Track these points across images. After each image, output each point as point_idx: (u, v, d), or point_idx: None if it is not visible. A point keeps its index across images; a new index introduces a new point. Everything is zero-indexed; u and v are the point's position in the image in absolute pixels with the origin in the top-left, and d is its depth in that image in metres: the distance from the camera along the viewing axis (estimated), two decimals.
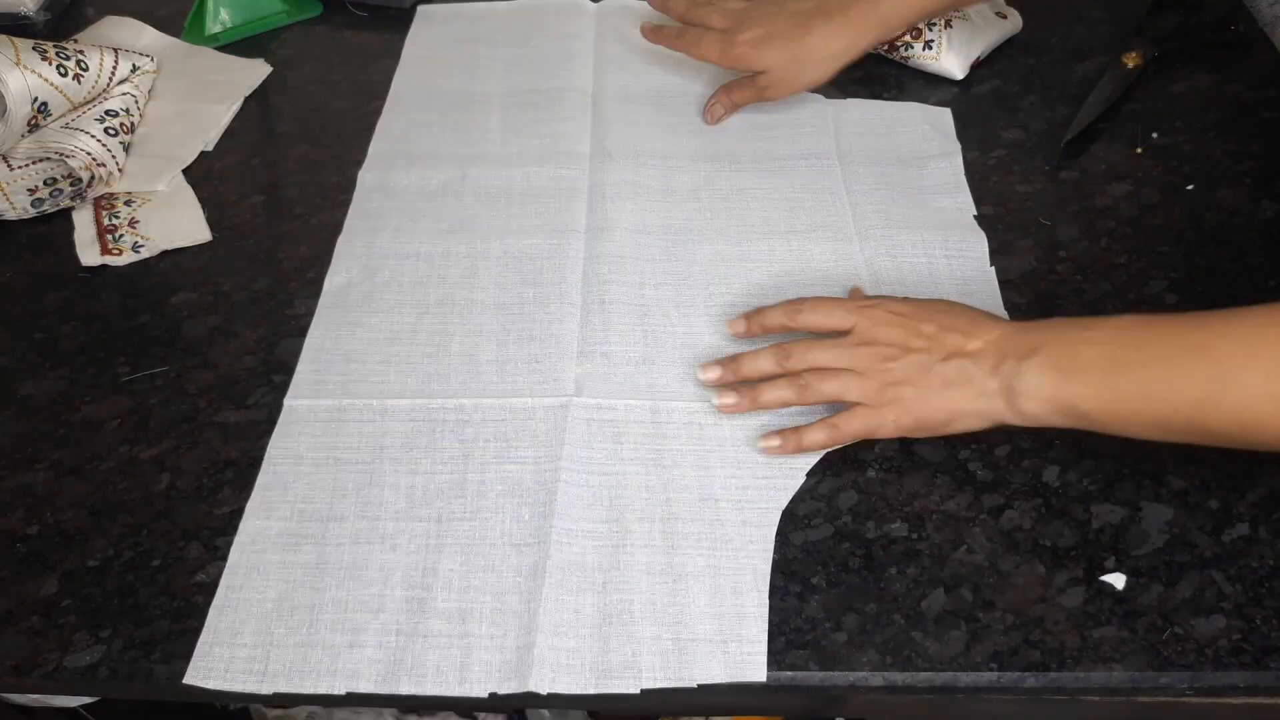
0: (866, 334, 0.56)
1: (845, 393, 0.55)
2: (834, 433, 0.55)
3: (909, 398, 0.54)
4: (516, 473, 0.56)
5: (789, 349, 0.57)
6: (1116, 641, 0.49)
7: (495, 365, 0.61)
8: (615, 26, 0.87)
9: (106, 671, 0.50)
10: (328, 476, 0.57)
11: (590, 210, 0.71)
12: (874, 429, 0.55)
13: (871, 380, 0.54)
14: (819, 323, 0.58)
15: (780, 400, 0.56)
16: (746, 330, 0.60)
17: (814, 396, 0.55)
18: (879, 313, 0.56)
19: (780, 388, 0.56)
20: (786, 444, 0.55)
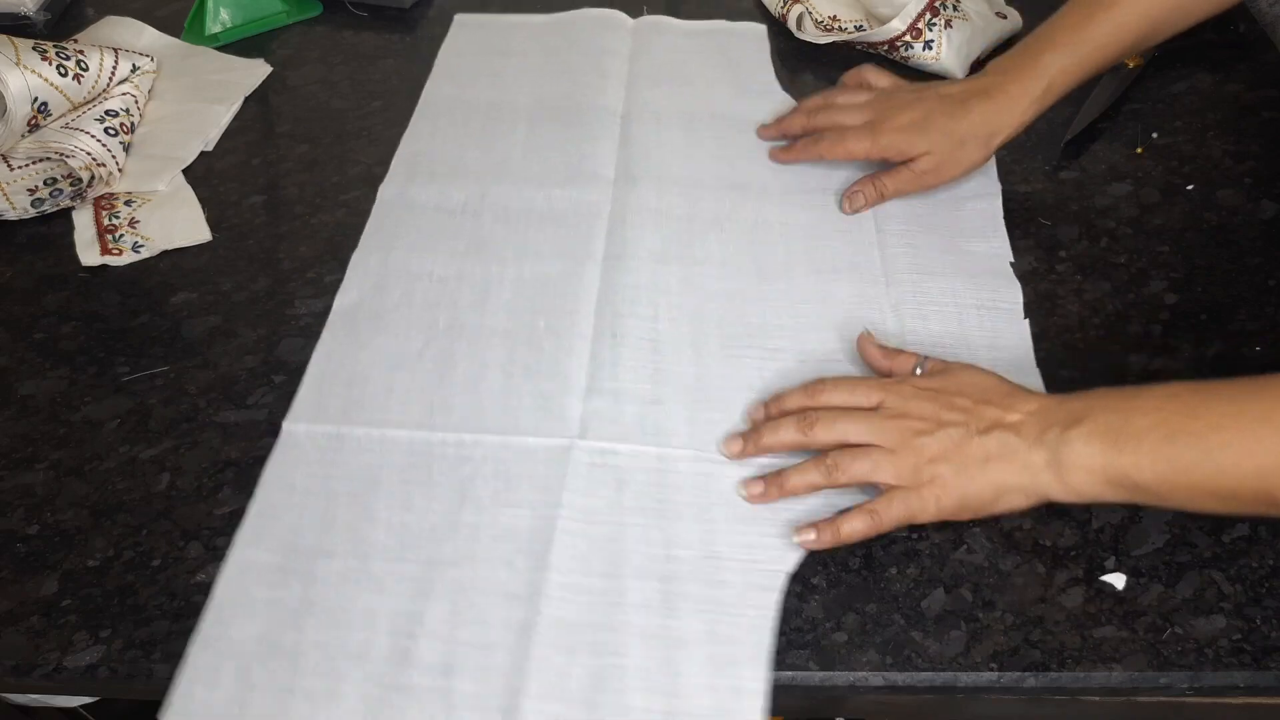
0: (897, 408, 0.52)
1: (876, 472, 0.51)
2: (873, 520, 0.51)
3: (948, 476, 0.50)
4: (512, 518, 0.54)
5: (813, 418, 0.53)
6: (1116, 641, 0.49)
7: (500, 398, 0.59)
8: (651, 43, 0.86)
9: (106, 671, 0.50)
10: (319, 508, 0.55)
11: (610, 236, 0.69)
12: (914, 514, 0.51)
13: (905, 458, 0.51)
14: (842, 402, 0.55)
15: (808, 486, 0.53)
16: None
17: (844, 478, 0.52)
18: (906, 388, 0.53)
19: (807, 472, 0.53)
20: (823, 537, 0.51)
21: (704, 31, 0.87)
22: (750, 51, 0.84)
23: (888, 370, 0.58)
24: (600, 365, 0.61)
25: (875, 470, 0.51)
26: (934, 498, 0.50)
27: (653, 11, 0.89)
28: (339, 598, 0.51)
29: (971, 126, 0.65)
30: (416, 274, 0.68)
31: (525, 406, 0.59)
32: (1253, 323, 0.61)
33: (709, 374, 0.61)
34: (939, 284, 0.65)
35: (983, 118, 0.65)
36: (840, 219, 0.70)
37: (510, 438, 0.58)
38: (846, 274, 0.66)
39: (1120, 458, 0.47)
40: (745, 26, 0.87)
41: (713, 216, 0.70)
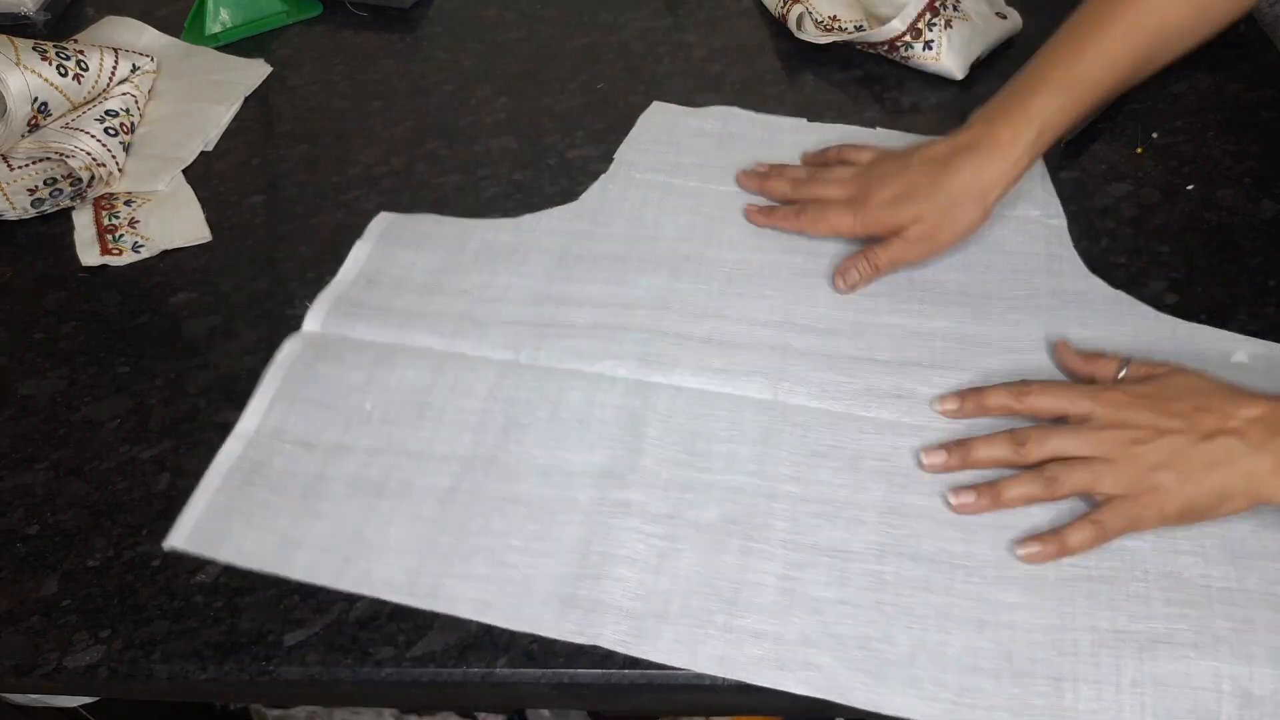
0: (1110, 417, 0.51)
1: (1097, 484, 0.50)
2: (1098, 531, 0.49)
3: (1170, 484, 0.49)
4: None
5: (1025, 434, 0.52)
6: None
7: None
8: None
9: (106, 671, 0.50)
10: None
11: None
12: (1138, 521, 0.49)
13: (1125, 467, 0.49)
14: (1049, 407, 0.53)
15: (1025, 497, 0.51)
16: (959, 410, 0.55)
17: (1063, 491, 0.50)
18: (1119, 395, 0.52)
19: (1025, 483, 0.51)
20: (1048, 549, 0.50)
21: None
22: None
23: (1089, 373, 0.56)
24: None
25: (1096, 481, 0.50)
26: (1157, 506, 0.49)
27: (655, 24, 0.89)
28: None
29: (962, 186, 0.61)
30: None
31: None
32: (1253, 323, 0.61)
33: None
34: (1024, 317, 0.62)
35: (973, 174, 0.61)
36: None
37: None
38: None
39: None
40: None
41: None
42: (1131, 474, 0.50)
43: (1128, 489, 0.50)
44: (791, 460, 0.55)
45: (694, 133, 0.77)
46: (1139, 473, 0.50)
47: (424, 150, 0.78)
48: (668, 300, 0.64)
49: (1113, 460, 0.50)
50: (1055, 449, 0.52)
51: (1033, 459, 0.52)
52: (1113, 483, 0.50)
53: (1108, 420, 0.51)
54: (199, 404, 0.61)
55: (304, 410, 0.59)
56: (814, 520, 0.53)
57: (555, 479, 0.55)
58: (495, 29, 0.91)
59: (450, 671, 0.49)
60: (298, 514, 0.54)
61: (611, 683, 0.49)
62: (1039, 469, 0.52)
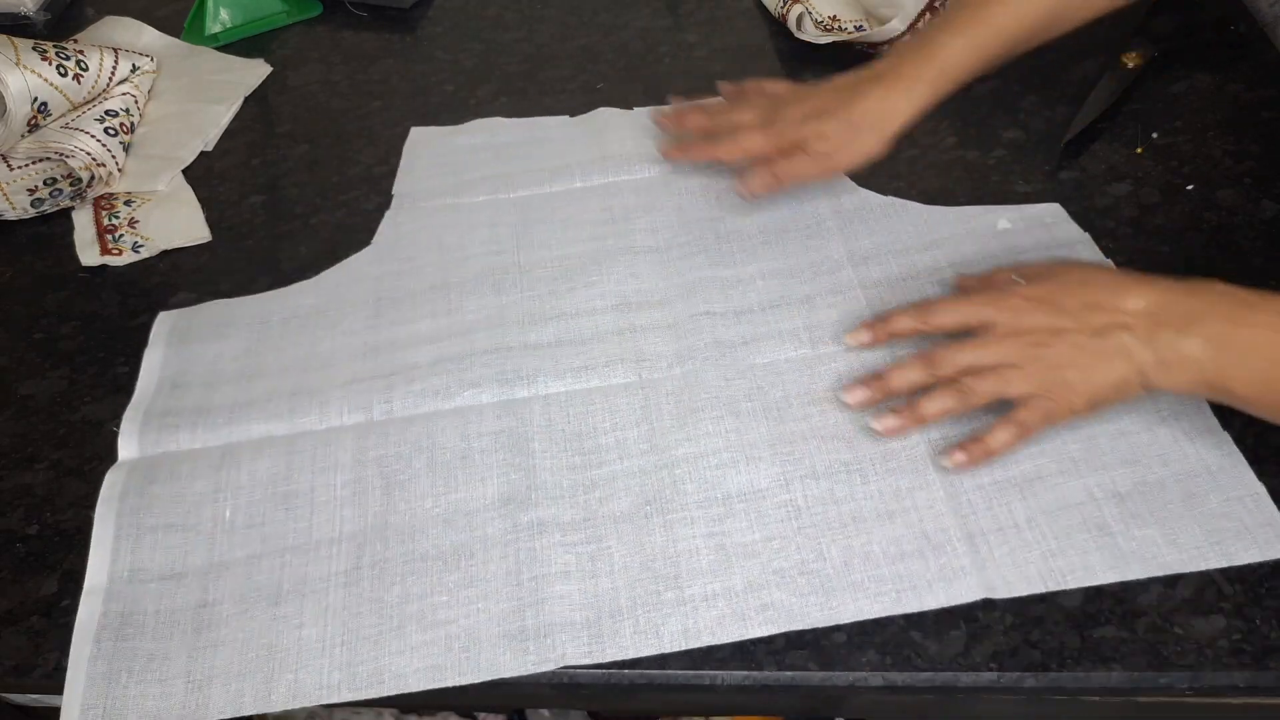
0: (1010, 324, 0.54)
1: (1008, 388, 0.53)
2: (1019, 429, 0.53)
3: (1075, 379, 0.52)
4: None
5: (935, 355, 0.55)
6: (1116, 641, 0.49)
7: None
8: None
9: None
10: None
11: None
12: (1052, 415, 0.53)
13: (1032, 370, 0.52)
14: (953, 319, 0.56)
15: (943, 411, 0.54)
16: (872, 339, 0.58)
17: (977, 399, 0.53)
18: (1016, 300, 0.54)
19: (941, 398, 0.54)
20: (973, 455, 0.53)
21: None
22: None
23: (987, 289, 0.58)
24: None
25: (1007, 386, 0.53)
26: (1066, 401, 0.52)
27: (653, 18, 0.89)
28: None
29: (865, 113, 0.63)
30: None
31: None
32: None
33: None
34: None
35: (876, 103, 0.63)
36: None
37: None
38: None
39: (1226, 369, 0.50)
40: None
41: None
42: (1038, 375, 0.53)
43: (1037, 388, 0.53)
44: (675, 426, 0.57)
45: (464, 150, 0.77)
46: (1043, 372, 0.52)
47: None
48: (502, 315, 0.64)
49: (1019, 365, 0.53)
50: (965, 362, 0.54)
51: (946, 375, 0.54)
52: (1022, 385, 0.53)
53: (1008, 327, 0.54)
54: None
55: (156, 540, 0.54)
56: (716, 472, 0.55)
57: (458, 523, 0.54)
58: (495, 29, 0.91)
59: None
60: (194, 652, 0.50)
61: (611, 683, 0.49)
62: (952, 383, 0.54)
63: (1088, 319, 0.53)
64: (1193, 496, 0.52)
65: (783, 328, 0.62)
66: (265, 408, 0.59)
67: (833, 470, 0.55)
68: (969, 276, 0.61)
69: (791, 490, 0.54)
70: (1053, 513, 0.53)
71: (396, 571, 0.52)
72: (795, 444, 0.56)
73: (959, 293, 0.61)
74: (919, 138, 0.75)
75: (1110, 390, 0.52)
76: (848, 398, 0.57)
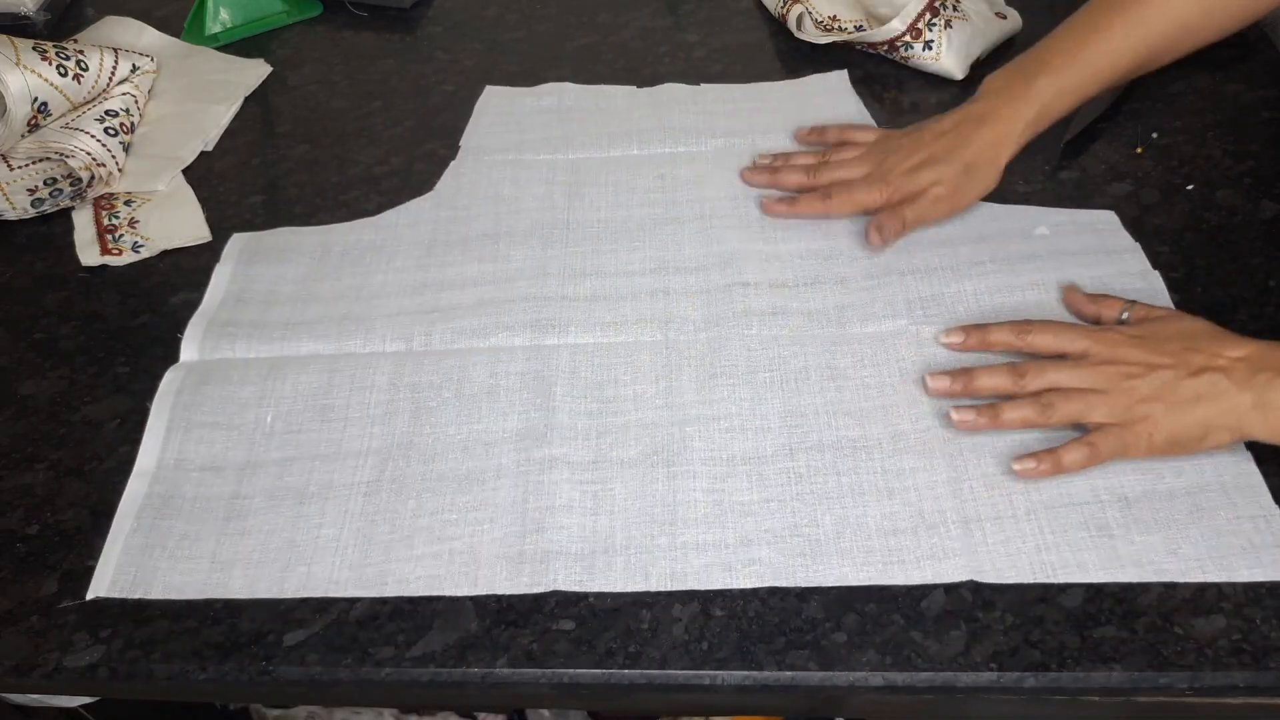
0: (1105, 354, 0.54)
1: (1090, 413, 0.53)
2: (1092, 452, 0.53)
3: (1159, 415, 0.52)
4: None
5: (1025, 368, 0.55)
6: (1116, 642, 0.49)
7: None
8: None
9: (106, 671, 0.50)
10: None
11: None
12: (1127, 447, 0.53)
13: (1117, 398, 0.53)
14: (1048, 345, 0.56)
15: (1022, 420, 0.54)
16: (964, 343, 0.59)
17: (1058, 417, 0.54)
18: (1113, 334, 0.55)
19: (1022, 407, 0.54)
20: (1043, 466, 0.53)
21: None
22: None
23: (1094, 314, 0.60)
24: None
25: (1089, 410, 0.53)
26: (1146, 434, 0.52)
27: (653, 23, 0.89)
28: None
29: (976, 155, 0.65)
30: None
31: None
32: (1253, 323, 0.61)
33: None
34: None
35: (984, 147, 0.65)
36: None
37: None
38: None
39: None
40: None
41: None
42: (1123, 404, 0.53)
43: (1119, 418, 0.53)
44: (694, 387, 0.59)
45: (532, 110, 0.81)
46: (1129, 403, 0.53)
47: (424, 150, 0.78)
48: (545, 267, 0.67)
49: (1105, 392, 0.53)
50: (1052, 380, 0.55)
51: (1031, 389, 0.55)
52: (1105, 412, 0.53)
53: (1102, 356, 0.55)
54: None
55: (202, 435, 0.58)
56: (725, 435, 0.57)
57: (476, 451, 0.57)
58: (495, 29, 0.91)
59: (450, 671, 0.49)
60: (222, 537, 0.54)
61: (611, 683, 0.49)
62: (1036, 395, 0.55)
63: (1185, 359, 0.53)
64: (1201, 510, 0.52)
65: (813, 306, 0.63)
66: (315, 329, 0.64)
67: (839, 445, 0.56)
68: (1077, 291, 0.61)
69: (795, 459, 0.56)
70: (1054, 508, 0.53)
71: (414, 488, 0.56)
72: (806, 417, 0.57)
73: (1064, 307, 0.62)
74: None
75: (1196, 430, 0.52)
76: (931, 383, 0.57)
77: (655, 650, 0.49)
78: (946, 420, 0.56)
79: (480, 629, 0.50)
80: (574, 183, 0.73)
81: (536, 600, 0.51)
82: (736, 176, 0.73)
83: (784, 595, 0.51)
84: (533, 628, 0.50)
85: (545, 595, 0.51)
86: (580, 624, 0.51)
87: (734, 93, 0.80)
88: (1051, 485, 0.53)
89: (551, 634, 0.50)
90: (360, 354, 0.62)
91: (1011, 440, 0.56)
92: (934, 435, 0.56)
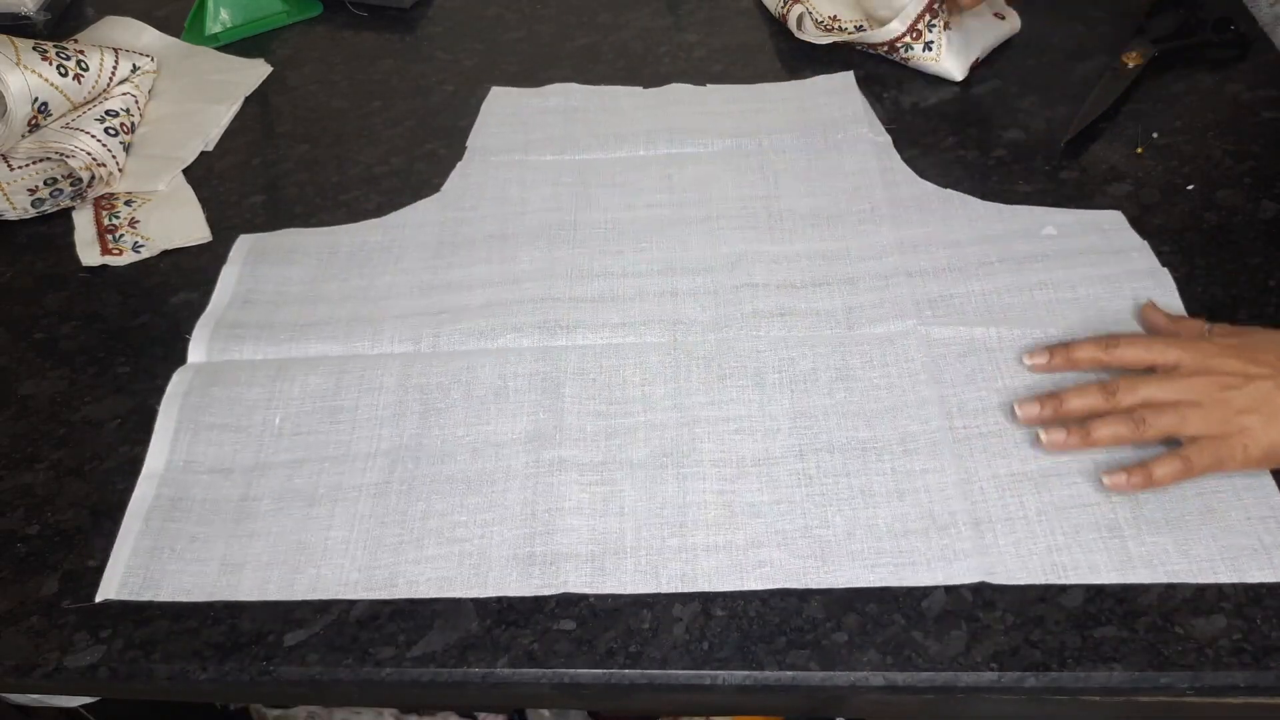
0: (1199, 364, 0.53)
1: (1184, 426, 0.51)
2: (1185, 466, 0.51)
3: (1256, 426, 0.50)
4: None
5: (1116, 384, 0.53)
6: (1116, 641, 0.49)
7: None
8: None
9: (106, 671, 0.50)
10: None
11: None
12: (1223, 460, 0.51)
13: (1212, 410, 0.51)
14: (1138, 357, 0.54)
15: (1114, 437, 0.53)
16: (1050, 364, 0.57)
17: (1152, 432, 0.52)
18: (1206, 345, 0.54)
19: (1114, 424, 0.52)
20: (1134, 479, 0.52)
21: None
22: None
23: (1175, 332, 0.57)
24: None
25: (1183, 424, 0.52)
26: (1241, 447, 0.51)
27: (654, 21, 0.89)
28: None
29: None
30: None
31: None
32: (1253, 323, 0.61)
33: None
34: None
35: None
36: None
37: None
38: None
39: None
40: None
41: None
42: (1219, 416, 0.51)
43: (1214, 430, 0.51)
44: (703, 389, 0.59)
45: (538, 111, 0.81)
46: (1226, 415, 0.51)
47: (424, 150, 0.78)
48: (552, 268, 0.67)
49: (1200, 404, 0.51)
50: (1145, 395, 0.53)
51: (1124, 406, 0.53)
52: (1200, 425, 0.51)
53: (1196, 368, 0.53)
54: None
55: (211, 437, 0.58)
56: (735, 437, 0.57)
57: (485, 452, 0.57)
58: (495, 29, 0.91)
59: (450, 671, 0.49)
60: (231, 539, 0.54)
61: (611, 683, 0.49)
62: (1128, 411, 0.53)
63: (1270, 370, 0.51)
64: (1213, 511, 0.52)
65: (821, 306, 0.63)
66: (323, 330, 0.64)
67: (849, 446, 0.56)
68: (1156, 310, 0.59)
69: (805, 460, 0.55)
70: (1065, 509, 0.53)
71: (423, 489, 0.55)
72: (816, 418, 0.57)
73: (1145, 327, 0.59)
74: (919, 137, 0.76)
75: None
76: (1020, 411, 0.55)
77: (656, 650, 0.49)
78: (955, 422, 0.56)
79: (481, 629, 0.50)
80: (581, 184, 0.73)
81: (537, 600, 0.51)
82: (743, 177, 0.73)
83: (785, 595, 0.51)
84: (533, 628, 0.50)
85: (546, 595, 0.51)
86: (581, 624, 0.51)
87: (740, 93, 0.80)
88: (1061, 486, 0.53)
89: (552, 634, 0.50)
90: (368, 355, 0.62)
91: (1019, 443, 0.56)
92: (943, 436, 0.56)
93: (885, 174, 0.72)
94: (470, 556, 0.53)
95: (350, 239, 0.70)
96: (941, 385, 0.58)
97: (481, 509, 0.55)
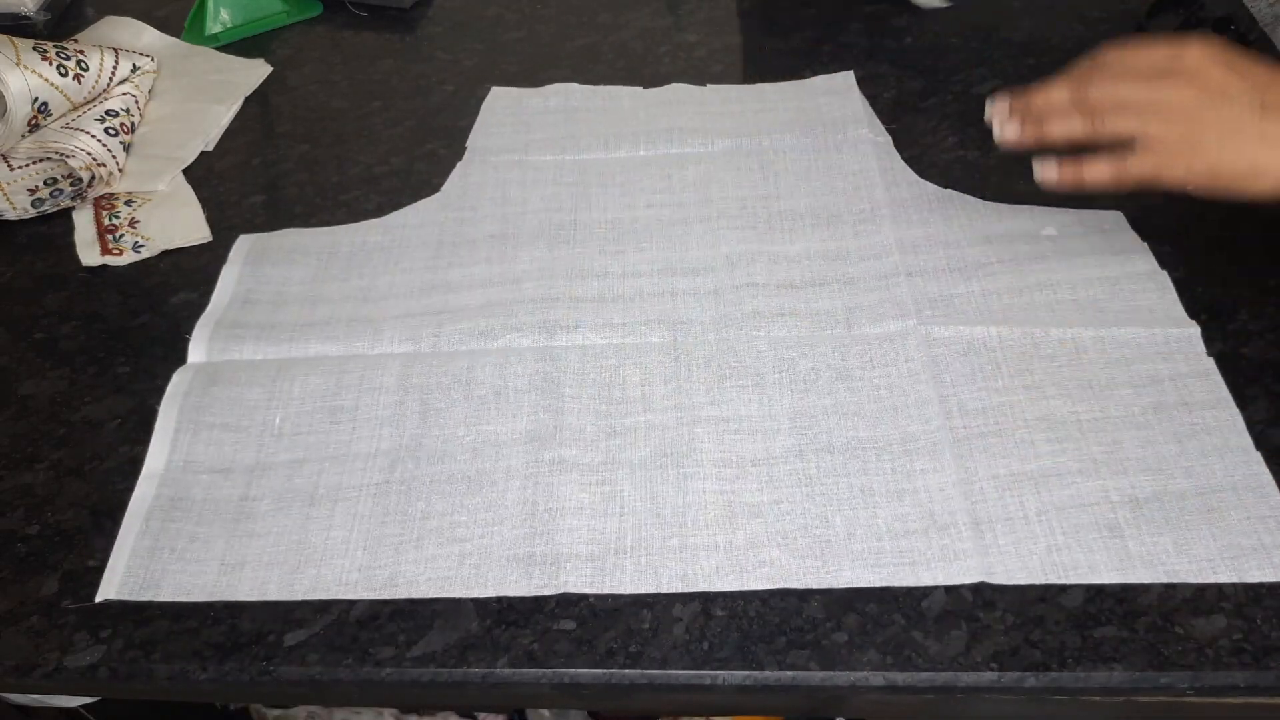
0: (1190, 67, 0.48)
1: (1144, 128, 0.48)
2: (1118, 171, 0.48)
3: (1210, 145, 0.47)
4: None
5: (1090, 77, 0.50)
6: (1116, 641, 0.49)
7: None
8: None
9: (106, 671, 0.50)
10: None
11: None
12: (1160, 172, 0.48)
13: (1175, 119, 0.48)
14: (1151, 63, 0.50)
15: (1066, 132, 0.50)
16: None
17: (1106, 129, 0.49)
18: (1208, 49, 0.49)
19: (1070, 118, 0.50)
20: (1064, 174, 0.49)
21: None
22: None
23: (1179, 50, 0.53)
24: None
25: (1143, 126, 0.49)
26: (1185, 162, 0.49)
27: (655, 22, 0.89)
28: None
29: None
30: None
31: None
32: (1253, 323, 0.61)
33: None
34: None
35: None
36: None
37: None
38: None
39: None
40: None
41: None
42: (1181, 129, 0.48)
43: (1170, 138, 0.48)
44: (703, 389, 0.59)
45: (539, 110, 0.81)
46: (1189, 128, 0.48)
47: (424, 150, 0.78)
48: (552, 268, 0.67)
49: (1169, 108, 0.49)
50: (1119, 96, 0.50)
51: (1092, 101, 0.50)
52: (1158, 130, 0.49)
53: (1190, 76, 0.49)
54: None
55: (211, 437, 0.58)
56: (735, 437, 0.57)
57: (485, 452, 0.57)
58: (495, 29, 0.91)
59: (450, 671, 0.49)
60: (231, 539, 0.54)
61: (611, 683, 0.49)
62: (1094, 107, 0.50)
63: (1270, 88, 0.48)
64: (1213, 511, 0.52)
65: (821, 306, 0.63)
66: (323, 330, 0.64)
67: (849, 446, 0.56)
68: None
69: (806, 460, 0.56)
70: (1065, 509, 0.53)
71: (423, 489, 0.56)
72: (816, 418, 0.57)
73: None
74: (918, 137, 0.76)
75: (1242, 168, 0.48)
76: (1000, 131, 0.53)
77: (656, 650, 0.49)
78: (955, 422, 0.56)
79: (481, 629, 0.50)
80: (581, 184, 0.74)
81: (537, 600, 0.51)
82: (743, 177, 0.73)
83: (785, 595, 0.51)
84: (533, 628, 0.50)
85: (546, 595, 0.51)
86: (581, 624, 0.51)
87: (740, 93, 0.81)
88: (1061, 486, 0.53)
89: (552, 634, 0.50)
90: (368, 355, 0.62)
91: (1019, 443, 0.56)
92: (943, 436, 0.56)
93: (885, 174, 0.72)
94: (470, 556, 0.53)
95: (350, 239, 0.71)
96: (941, 385, 0.58)
97: (481, 509, 0.55)
